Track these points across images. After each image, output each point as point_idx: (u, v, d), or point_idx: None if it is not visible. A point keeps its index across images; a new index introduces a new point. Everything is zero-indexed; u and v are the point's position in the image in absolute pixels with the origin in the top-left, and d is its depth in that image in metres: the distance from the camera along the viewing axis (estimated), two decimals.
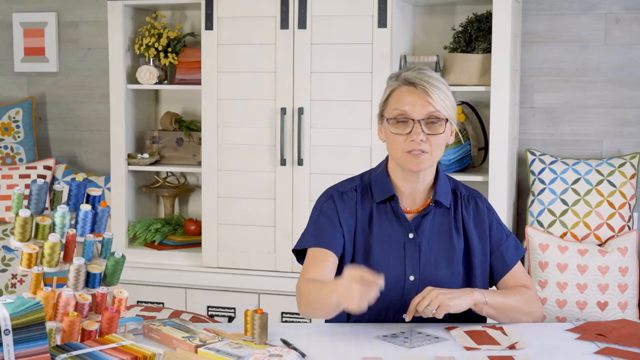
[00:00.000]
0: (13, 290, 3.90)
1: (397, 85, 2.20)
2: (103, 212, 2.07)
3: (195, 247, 3.95)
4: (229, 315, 3.75)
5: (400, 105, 2.16)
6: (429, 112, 2.14)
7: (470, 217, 2.29)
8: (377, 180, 2.27)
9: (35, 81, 4.48)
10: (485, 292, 2.18)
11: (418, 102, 2.14)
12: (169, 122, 4.05)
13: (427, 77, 2.17)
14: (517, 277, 2.31)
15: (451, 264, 2.24)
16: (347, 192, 2.28)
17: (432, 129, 2.15)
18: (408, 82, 2.17)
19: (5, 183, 4.12)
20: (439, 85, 2.16)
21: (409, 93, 2.16)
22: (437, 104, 2.14)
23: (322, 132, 3.60)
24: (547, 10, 3.80)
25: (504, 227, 2.34)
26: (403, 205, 2.26)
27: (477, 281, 2.27)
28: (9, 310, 1.69)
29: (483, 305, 2.16)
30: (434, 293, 2.10)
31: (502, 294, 2.22)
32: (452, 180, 2.34)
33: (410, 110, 2.15)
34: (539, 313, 2.28)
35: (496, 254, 2.30)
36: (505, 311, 2.20)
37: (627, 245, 3.43)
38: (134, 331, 2.10)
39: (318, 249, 2.21)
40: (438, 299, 2.08)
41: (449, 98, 2.17)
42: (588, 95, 3.80)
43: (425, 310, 2.08)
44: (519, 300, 2.23)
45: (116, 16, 3.86)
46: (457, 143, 3.64)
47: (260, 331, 2.03)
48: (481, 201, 2.32)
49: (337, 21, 3.55)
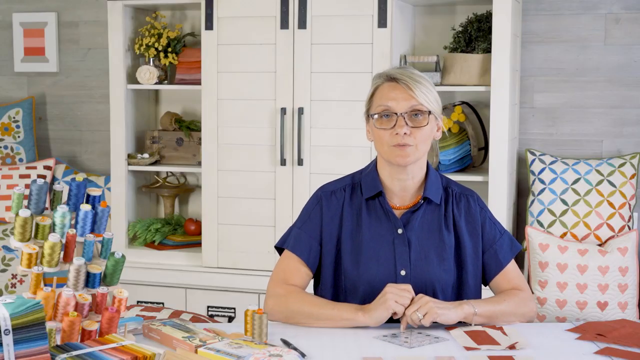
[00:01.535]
0: (13, 290, 3.90)
1: (380, 83, 2.25)
2: (103, 212, 2.07)
3: (195, 247, 3.95)
4: (229, 315, 3.75)
5: (383, 101, 2.21)
6: (412, 106, 2.19)
7: (461, 214, 2.30)
8: (366, 178, 2.32)
9: (35, 81, 4.48)
10: (474, 303, 2.19)
11: (401, 97, 2.19)
12: (169, 122, 4.05)
13: (409, 72, 2.23)
14: (510, 278, 2.31)
15: (442, 260, 2.26)
16: (336, 192, 2.33)
17: (416, 122, 2.19)
18: (391, 78, 2.22)
19: (5, 183, 4.12)
20: (421, 80, 2.22)
21: (391, 89, 2.21)
22: (420, 97, 2.19)
23: (322, 132, 3.60)
24: (547, 10, 3.81)
25: (497, 225, 2.35)
26: (393, 202, 2.29)
27: (469, 278, 2.28)
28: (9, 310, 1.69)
29: (472, 317, 2.17)
30: (424, 299, 2.12)
31: (492, 302, 2.22)
32: (445, 178, 2.36)
33: (393, 105, 2.19)
34: (532, 313, 2.29)
35: (489, 252, 2.31)
36: (497, 317, 2.21)
37: (627, 245, 3.43)
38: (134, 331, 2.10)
39: (295, 259, 2.31)
40: (427, 306, 2.10)
41: (431, 92, 2.22)
42: (588, 95, 3.80)
43: (413, 316, 2.09)
44: (510, 305, 2.24)
45: (116, 16, 3.86)
46: (458, 143, 3.64)
47: (260, 331, 2.03)
48: (473, 199, 2.33)
49: (337, 21, 3.55)
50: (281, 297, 2.24)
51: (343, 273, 2.28)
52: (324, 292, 2.31)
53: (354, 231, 2.28)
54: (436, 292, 2.23)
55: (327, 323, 2.17)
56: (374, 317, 2.12)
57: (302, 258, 2.30)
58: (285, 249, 2.34)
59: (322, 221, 2.31)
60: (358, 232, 2.28)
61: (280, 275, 2.31)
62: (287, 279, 2.29)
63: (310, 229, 2.31)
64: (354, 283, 2.26)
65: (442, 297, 2.24)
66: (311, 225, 2.32)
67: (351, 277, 2.26)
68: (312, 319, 2.18)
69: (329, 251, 2.30)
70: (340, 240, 2.29)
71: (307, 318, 2.19)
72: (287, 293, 2.25)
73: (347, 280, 2.27)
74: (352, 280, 2.26)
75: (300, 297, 2.23)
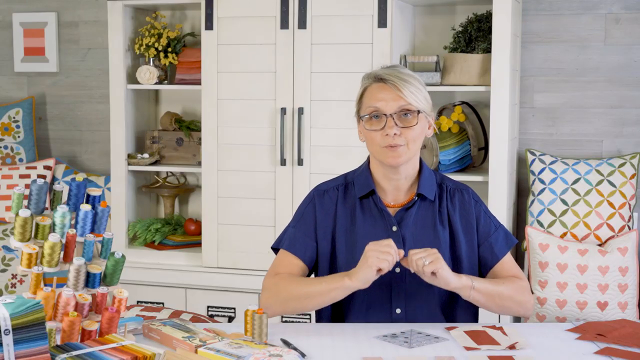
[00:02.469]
0: (13, 290, 3.90)
1: (369, 83, 2.25)
2: (103, 212, 2.07)
3: (195, 247, 3.95)
4: (229, 315, 3.75)
5: (372, 102, 2.21)
6: (401, 106, 2.19)
7: (455, 209, 2.31)
8: (359, 177, 2.33)
9: (35, 81, 4.48)
10: (473, 278, 2.20)
11: (389, 97, 2.19)
12: (169, 122, 4.05)
13: (398, 72, 2.22)
14: (507, 268, 2.31)
15: None
16: (329, 191, 2.35)
17: (405, 122, 2.19)
18: (379, 78, 2.22)
19: (5, 183, 4.12)
20: (410, 79, 2.21)
21: (380, 89, 2.21)
22: (408, 97, 2.18)
23: (322, 132, 3.60)
24: (547, 10, 3.81)
25: (492, 218, 2.35)
26: (386, 200, 2.30)
27: (466, 272, 2.28)
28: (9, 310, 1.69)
29: (470, 290, 2.16)
30: (434, 250, 2.13)
31: (491, 282, 2.23)
32: (439, 175, 2.37)
33: (382, 106, 2.19)
34: (529, 304, 2.28)
35: (485, 245, 2.31)
36: (494, 298, 2.20)
37: (627, 245, 3.43)
38: (134, 331, 2.11)
39: (291, 256, 2.31)
40: (435, 256, 2.10)
41: (420, 91, 2.21)
42: (588, 95, 3.80)
43: (419, 261, 2.10)
44: (509, 288, 2.23)
45: (116, 16, 3.86)
46: (458, 143, 3.64)
47: (260, 331, 2.03)
48: (467, 193, 2.33)
49: (337, 21, 3.55)
50: (272, 287, 2.25)
51: (338, 271, 2.28)
52: None
53: (349, 230, 2.29)
54: (433, 287, 2.23)
55: (320, 299, 2.17)
56: (360, 278, 2.12)
57: (298, 255, 2.31)
58: (281, 248, 2.35)
59: (316, 220, 2.32)
60: (352, 230, 2.28)
61: (274, 271, 2.32)
62: (279, 272, 2.30)
63: (305, 228, 2.32)
64: None
65: (439, 292, 2.24)
66: (305, 224, 2.33)
67: None
68: (304, 299, 2.18)
69: (324, 249, 2.31)
70: (335, 239, 2.30)
71: (299, 300, 2.19)
72: (277, 281, 2.26)
73: None
74: None
75: (287, 281, 2.24)
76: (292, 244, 2.32)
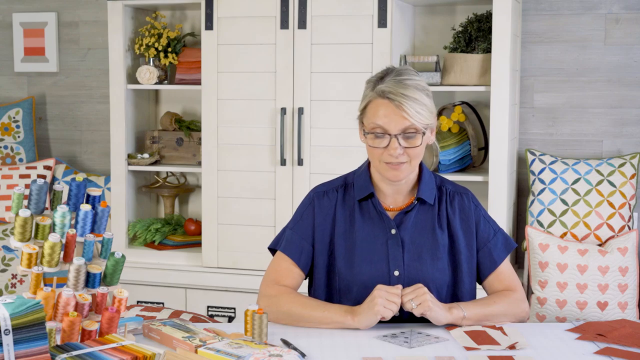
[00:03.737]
0: (13, 290, 3.90)
1: (373, 97, 2.18)
2: (103, 212, 2.07)
3: (195, 247, 3.95)
4: (229, 315, 3.75)
5: (376, 119, 2.16)
6: (405, 127, 2.14)
7: (455, 212, 2.30)
8: (358, 179, 2.31)
9: (35, 81, 4.48)
10: (464, 306, 2.19)
11: (393, 118, 2.14)
12: (169, 122, 4.05)
13: (402, 87, 2.13)
14: (502, 279, 2.31)
15: (436, 260, 2.26)
16: (329, 192, 2.33)
17: (410, 142, 2.16)
18: (384, 95, 2.15)
19: (5, 183, 4.12)
20: (415, 94, 2.13)
21: (384, 107, 2.15)
22: (413, 118, 2.13)
23: (322, 132, 3.60)
24: (547, 10, 3.81)
25: (492, 223, 2.34)
26: (386, 203, 2.29)
27: (465, 277, 2.28)
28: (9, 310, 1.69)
29: (462, 321, 2.18)
30: (422, 290, 2.13)
31: (483, 305, 2.23)
32: (439, 178, 2.36)
33: (386, 125, 2.15)
34: (524, 314, 2.30)
35: (484, 250, 2.31)
36: (487, 318, 2.22)
37: (627, 245, 3.43)
38: (134, 331, 2.10)
39: (288, 261, 2.31)
40: (423, 297, 2.11)
41: (425, 107, 2.15)
42: (588, 95, 3.80)
43: (407, 303, 2.11)
44: (501, 306, 2.24)
45: (116, 16, 3.86)
46: (458, 143, 3.64)
47: (260, 331, 2.03)
48: (467, 197, 2.33)
49: (337, 21, 3.55)
50: (272, 297, 2.25)
51: (337, 274, 2.28)
52: (318, 292, 2.31)
53: (347, 232, 2.29)
54: (431, 292, 2.23)
55: (317, 325, 2.18)
56: (363, 322, 2.14)
57: (293, 259, 2.30)
58: (278, 250, 2.35)
59: (315, 222, 2.31)
60: (351, 232, 2.28)
61: (272, 276, 2.31)
62: (279, 280, 2.30)
63: (302, 230, 2.32)
64: (348, 284, 2.26)
65: (437, 296, 2.24)
66: (303, 226, 2.32)
67: (345, 278, 2.26)
68: (302, 320, 2.19)
69: (322, 252, 2.30)
70: (334, 241, 2.29)
71: (297, 320, 2.20)
72: (279, 294, 2.25)
73: (340, 281, 2.27)
74: (346, 281, 2.26)
75: (291, 298, 2.23)
76: (288, 246, 2.32)
